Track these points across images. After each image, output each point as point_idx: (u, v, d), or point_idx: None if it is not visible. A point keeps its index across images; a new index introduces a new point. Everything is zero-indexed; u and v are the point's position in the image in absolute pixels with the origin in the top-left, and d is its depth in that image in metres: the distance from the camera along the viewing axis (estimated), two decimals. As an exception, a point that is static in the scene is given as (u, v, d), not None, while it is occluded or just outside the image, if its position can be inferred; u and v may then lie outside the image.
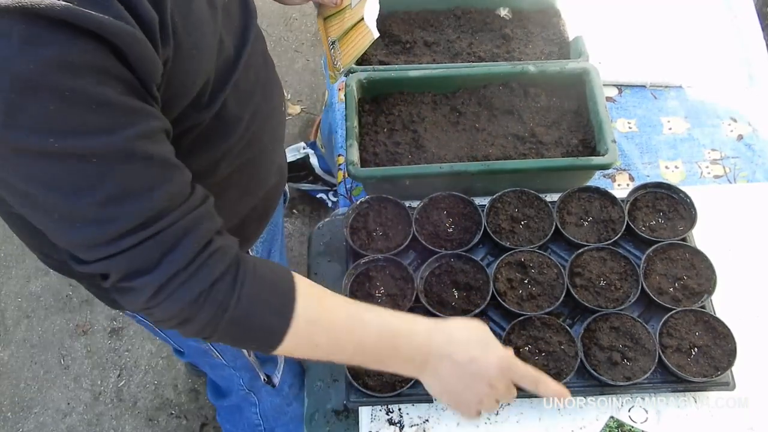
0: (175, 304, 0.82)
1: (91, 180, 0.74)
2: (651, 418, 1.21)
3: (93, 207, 0.75)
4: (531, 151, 1.44)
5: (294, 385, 1.68)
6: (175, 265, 0.80)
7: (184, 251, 0.80)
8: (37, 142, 0.69)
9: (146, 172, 0.77)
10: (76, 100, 0.69)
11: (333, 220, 1.56)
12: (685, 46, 1.73)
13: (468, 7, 1.68)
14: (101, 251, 0.79)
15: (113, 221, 0.77)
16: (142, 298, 0.82)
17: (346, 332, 0.93)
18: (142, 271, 0.80)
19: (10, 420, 2.26)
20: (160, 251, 0.80)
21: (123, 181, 0.75)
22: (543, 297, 1.28)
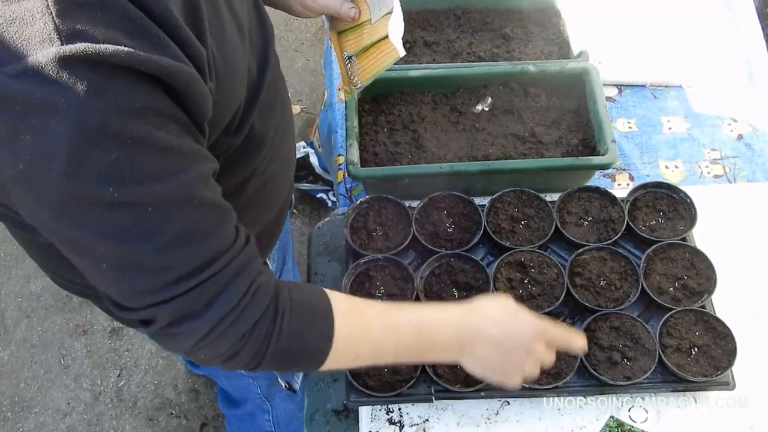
0: (222, 345, 0.82)
1: (148, 228, 0.72)
2: (651, 418, 1.21)
3: (148, 255, 0.74)
4: (531, 151, 1.44)
5: (305, 387, 1.68)
6: (224, 309, 0.80)
7: (234, 294, 0.80)
8: (98, 191, 0.68)
9: (202, 218, 0.76)
10: (139, 147, 0.68)
11: (333, 220, 1.56)
12: (685, 46, 1.73)
13: (468, 6, 1.68)
14: (151, 298, 0.77)
15: (168, 269, 0.76)
16: (191, 341, 0.81)
17: (384, 339, 0.95)
18: (191, 316, 0.79)
19: (10, 420, 2.26)
20: (211, 295, 0.79)
21: (180, 227, 0.74)
22: (543, 297, 1.28)
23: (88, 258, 0.76)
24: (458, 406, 1.23)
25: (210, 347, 0.83)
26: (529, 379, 1.07)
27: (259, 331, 0.83)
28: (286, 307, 0.85)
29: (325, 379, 1.36)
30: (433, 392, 1.20)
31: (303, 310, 0.87)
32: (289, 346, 0.86)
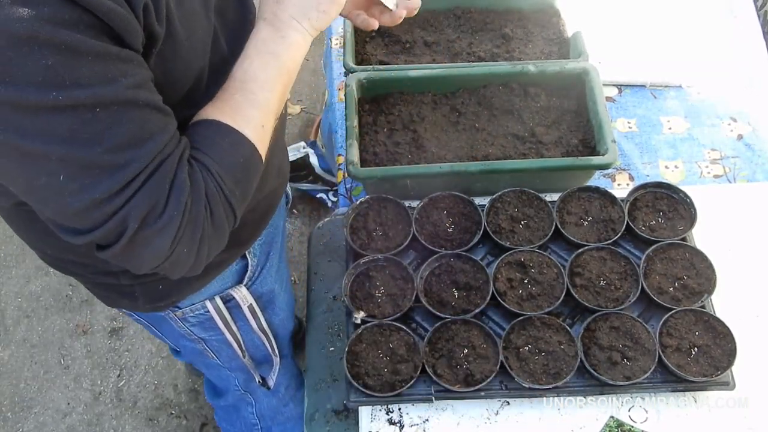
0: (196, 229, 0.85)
1: (98, 130, 0.74)
2: (651, 418, 1.21)
3: (103, 156, 0.76)
4: (531, 151, 1.44)
5: (290, 386, 1.69)
6: (182, 193, 0.82)
7: (181, 177, 0.83)
8: (40, 97, 0.70)
9: (149, 118, 0.79)
10: (74, 52, 0.70)
11: (333, 219, 1.56)
12: (685, 46, 1.73)
13: (468, 7, 1.68)
14: (115, 202, 0.79)
15: (124, 167, 0.78)
16: (169, 237, 0.83)
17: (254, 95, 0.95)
18: (159, 208, 0.81)
19: (10, 420, 2.26)
20: (168, 182, 0.81)
21: (129, 127, 0.77)
22: (543, 297, 1.28)
23: (44, 173, 0.76)
24: (458, 406, 1.23)
25: (186, 237, 0.84)
26: None
27: (211, 192, 0.86)
28: (205, 158, 0.87)
29: (325, 380, 1.36)
30: (433, 392, 1.20)
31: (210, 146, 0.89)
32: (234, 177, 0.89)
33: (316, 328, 1.42)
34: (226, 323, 1.28)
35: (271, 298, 1.39)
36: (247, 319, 1.31)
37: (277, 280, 1.39)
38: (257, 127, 0.94)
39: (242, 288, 1.27)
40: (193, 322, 1.27)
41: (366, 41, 1.64)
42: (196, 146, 0.89)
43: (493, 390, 1.21)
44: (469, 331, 1.25)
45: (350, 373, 1.20)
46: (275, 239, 1.37)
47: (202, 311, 1.24)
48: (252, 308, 1.30)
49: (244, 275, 1.27)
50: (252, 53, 0.96)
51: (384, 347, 1.24)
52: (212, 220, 0.87)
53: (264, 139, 0.96)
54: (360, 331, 1.25)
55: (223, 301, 1.25)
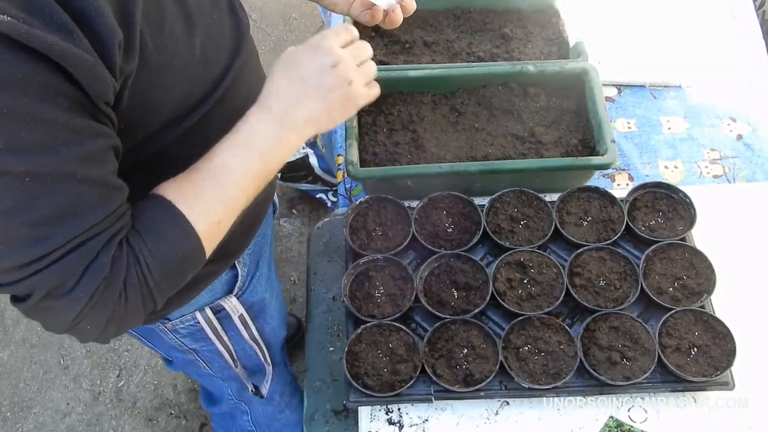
0: (104, 310, 0.81)
1: (24, 199, 0.70)
2: (650, 418, 1.21)
3: (21, 227, 0.72)
4: (530, 151, 1.44)
5: (285, 393, 1.69)
6: (95, 278, 0.78)
7: (104, 261, 0.79)
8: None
9: (83, 195, 0.75)
10: (16, 117, 0.66)
11: (332, 220, 1.56)
12: (685, 46, 1.73)
13: (467, 7, 1.68)
14: (23, 272, 0.75)
15: (43, 242, 0.74)
16: (72, 314, 0.80)
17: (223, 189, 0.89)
18: (66, 287, 0.77)
19: (10, 420, 2.26)
20: (84, 265, 0.77)
21: (57, 202, 0.73)
22: (542, 297, 1.28)
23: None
24: (458, 406, 1.23)
25: (92, 318, 0.81)
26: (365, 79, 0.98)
27: (131, 282, 0.81)
28: (139, 243, 0.83)
29: (324, 380, 1.36)
30: (433, 392, 1.20)
31: (152, 232, 0.84)
32: (164, 268, 0.84)
33: (316, 329, 1.42)
34: (216, 334, 1.27)
35: (262, 307, 1.38)
36: (238, 329, 1.31)
37: (267, 288, 1.38)
38: (213, 223, 0.88)
39: (232, 298, 1.26)
40: (184, 334, 1.26)
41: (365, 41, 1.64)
42: (136, 227, 0.83)
43: (492, 390, 1.21)
44: (468, 331, 1.25)
45: (350, 373, 1.20)
46: (264, 248, 1.36)
47: (192, 322, 1.23)
48: (243, 318, 1.29)
49: (234, 285, 1.26)
50: (240, 142, 0.89)
51: (383, 347, 1.24)
52: (125, 306, 0.83)
53: (216, 236, 0.90)
54: (359, 331, 1.25)
55: (214, 312, 1.24)
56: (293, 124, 0.92)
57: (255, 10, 3.09)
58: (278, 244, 2.55)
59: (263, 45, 3.02)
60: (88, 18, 0.69)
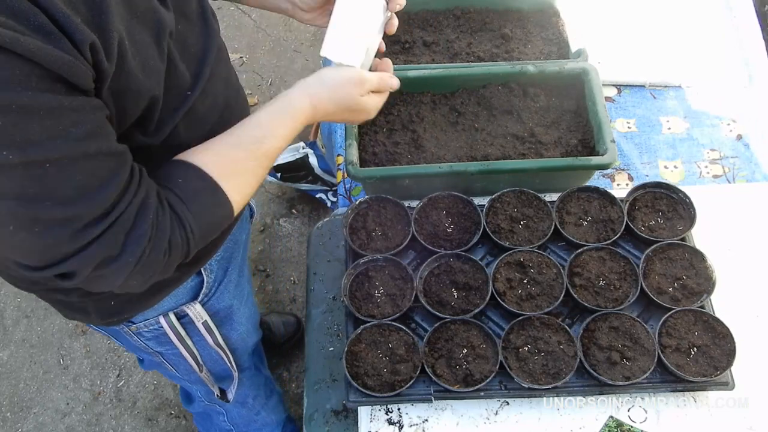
0: (150, 269, 0.89)
1: (48, 185, 0.75)
2: (650, 418, 1.21)
3: (53, 210, 0.77)
4: (530, 151, 1.44)
5: (259, 396, 1.69)
6: (140, 244, 0.85)
7: (143, 227, 0.85)
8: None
9: (99, 168, 0.80)
10: (24, 110, 0.70)
11: (332, 220, 1.56)
12: (685, 46, 1.73)
13: (467, 7, 1.68)
14: (65, 249, 0.81)
15: (74, 219, 0.79)
16: (120, 279, 0.87)
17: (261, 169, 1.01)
18: (111, 258, 0.84)
19: (9, 420, 2.26)
20: (123, 234, 0.84)
21: (79, 180, 0.78)
22: (542, 297, 1.28)
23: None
24: (457, 406, 1.23)
25: (140, 278, 0.89)
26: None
27: (175, 242, 0.90)
28: (184, 210, 0.91)
29: (324, 380, 1.36)
30: (433, 392, 1.20)
31: (196, 201, 0.93)
32: (203, 232, 0.95)
33: (316, 329, 1.42)
34: (180, 338, 1.27)
35: (228, 314, 1.37)
36: (202, 335, 1.30)
37: (236, 295, 1.37)
38: (245, 195, 1.00)
39: (196, 305, 1.26)
40: (148, 337, 1.27)
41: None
42: (178, 194, 0.92)
43: (492, 390, 1.21)
44: (468, 331, 1.25)
45: (349, 373, 1.20)
46: (234, 254, 1.35)
47: (156, 326, 1.24)
48: (207, 324, 1.29)
49: (199, 292, 1.26)
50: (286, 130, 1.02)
51: (383, 347, 1.24)
52: (167, 262, 0.91)
53: (243, 203, 1.01)
54: (359, 331, 1.25)
55: (177, 318, 1.24)
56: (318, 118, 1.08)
57: (255, 10, 3.09)
58: (278, 244, 2.55)
59: (263, 45, 3.02)
60: (60, 22, 0.73)
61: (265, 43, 3.04)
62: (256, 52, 2.99)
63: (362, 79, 1.10)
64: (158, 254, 0.88)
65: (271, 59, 3.00)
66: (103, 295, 1.10)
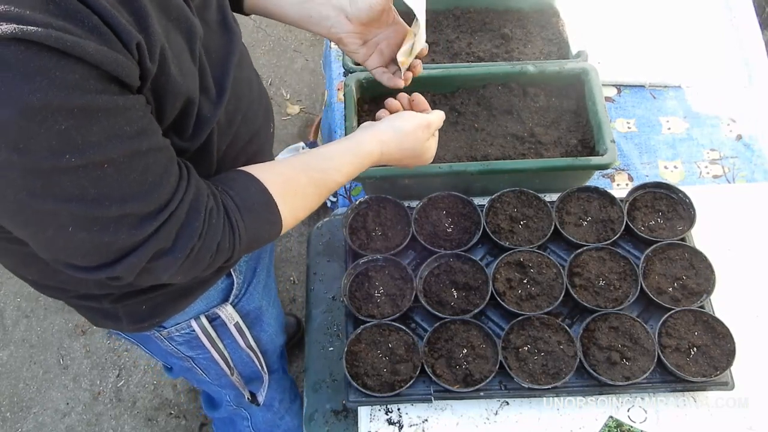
0: (196, 268, 0.91)
1: (107, 184, 0.77)
2: (650, 418, 1.21)
3: (111, 208, 0.78)
4: (530, 151, 1.44)
5: (284, 399, 1.68)
6: (191, 240, 0.87)
7: (195, 224, 0.87)
8: (53, 161, 0.72)
9: (153, 164, 0.81)
10: (85, 113, 0.71)
11: (332, 219, 1.56)
12: (685, 46, 1.73)
13: (467, 7, 1.68)
14: (122, 244, 0.82)
15: (131, 216, 0.80)
16: (168, 274, 0.88)
17: (317, 198, 1.04)
18: (162, 252, 0.85)
19: (9, 420, 2.26)
20: (175, 230, 0.85)
21: (136, 178, 0.79)
22: (542, 297, 1.28)
23: (53, 226, 0.78)
24: (457, 406, 1.23)
25: (185, 272, 0.90)
26: None
27: (223, 246, 0.91)
28: (238, 218, 0.93)
29: (324, 380, 1.36)
30: (432, 392, 1.20)
31: (251, 213, 0.95)
32: (250, 243, 0.96)
33: (316, 329, 1.42)
34: (212, 342, 1.27)
35: (258, 314, 1.37)
36: (234, 337, 1.30)
37: (264, 296, 1.38)
38: (297, 218, 1.02)
39: (228, 306, 1.26)
40: (180, 341, 1.26)
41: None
42: (236, 201, 0.93)
43: (492, 390, 1.21)
44: (468, 331, 1.25)
45: (349, 373, 1.20)
46: (262, 255, 1.35)
47: (188, 330, 1.23)
48: (238, 326, 1.29)
49: (230, 293, 1.26)
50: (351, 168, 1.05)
51: (383, 347, 1.24)
52: (210, 263, 0.92)
53: (293, 225, 1.03)
54: (359, 331, 1.25)
55: (209, 320, 1.24)
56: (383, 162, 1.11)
57: (255, 10, 3.09)
58: (278, 244, 2.55)
59: (263, 45, 3.02)
60: (111, 23, 0.74)
61: (265, 42, 3.04)
62: (255, 52, 2.99)
63: (429, 122, 1.14)
64: (206, 253, 0.90)
65: (270, 59, 3.00)
66: (135, 300, 1.10)
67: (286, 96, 2.90)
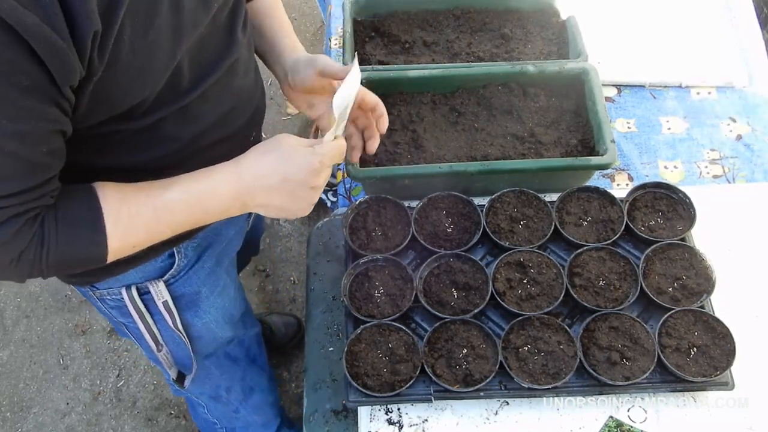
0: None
1: None
2: (650, 418, 1.21)
3: None
4: (530, 151, 1.44)
5: (233, 389, 1.65)
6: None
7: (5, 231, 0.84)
8: None
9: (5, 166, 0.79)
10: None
11: (332, 219, 1.56)
12: (684, 46, 1.73)
13: (467, 7, 1.68)
14: None
15: None
16: None
17: (157, 223, 0.97)
18: None
19: (9, 420, 2.26)
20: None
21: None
22: (542, 297, 1.28)
23: None
24: (457, 406, 1.23)
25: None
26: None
27: (26, 258, 0.88)
28: (51, 230, 0.88)
29: (324, 380, 1.36)
30: (432, 392, 1.20)
31: (70, 227, 0.90)
32: (62, 260, 0.91)
33: (316, 329, 1.42)
34: (140, 313, 1.27)
35: (195, 299, 1.35)
36: (162, 315, 1.30)
37: (206, 283, 1.35)
38: (128, 244, 0.95)
39: (159, 283, 1.25)
40: (111, 305, 1.27)
41: (365, 41, 1.64)
42: (58, 212, 0.89)
43: (492, 390, 1.21)
44: (468, 331, 1.25)
45: (349, 373, 1.20)
46: (214, 244, 1.33)
47: (118, 297, 1.24)
48: (167, 305, 1.28)
49: (167, 272, 1.26)
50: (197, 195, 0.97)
51: (383, 347, 1.24)
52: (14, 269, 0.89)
53: (124, 254, 0.97)
54: (359, 331, 1.25)
55: (139, 293, 1.24)
56: (247, 203, 1.01)
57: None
58: (278, 244, 2.55)
59: (263, 45, 3.02)
60: (72, 5, 0.71)
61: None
62: (256, 52, 2.98)
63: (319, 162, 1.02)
64: (5, 257, 0.87)
65: (271, 59, 2.99)
66: None
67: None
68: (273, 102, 2.88)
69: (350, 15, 1.62)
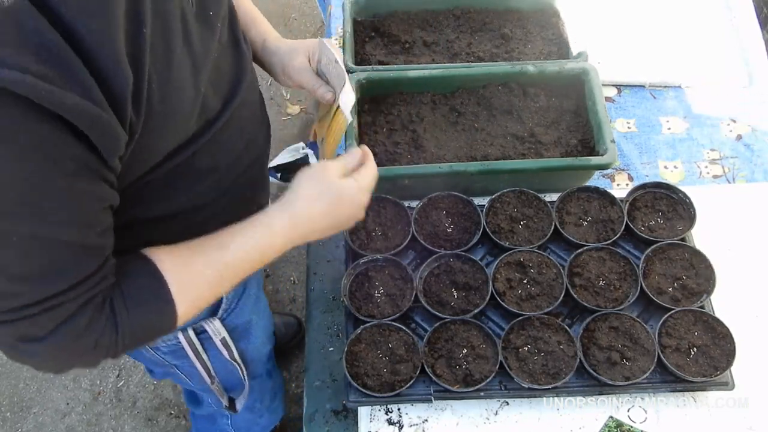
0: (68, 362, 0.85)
1: (8, 258, 0.72)
2: (650, 418, 1.21)
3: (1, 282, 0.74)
4: (530, 151, 1.44)
5: (263, 399, 1.68)
6: (67, 336, 0.80)
7: (79, 322, 0.80)
8: None
9: (63, 256, 0.76)
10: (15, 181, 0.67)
11: (332, 220, 1.55)
12: (684, 46, 1.73)
13: (467, 7, 1.68)
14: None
15: (17, 296, 0.75)
16: (34, 360, 0.83)
17: (220, 284, 0.96)
18: (32, 339, 0.79)
19: (9, 420, 2.26)
20: (56, 323, 0.79)
21: (39, 262, 0.74)
22: (542, 297, 1.28)
23: None
24: (457, 406, 1.23)
25: (55, 364, 0.84)
26: None
27: (102, 343, 0.84)
28: (122, 312, 0.85)
29: (324, 380, 1.36)
30: (432, 392, 1.20)
31: (139, 305, 0.87)
32: (137, 337, 0.88)
33: (316, 329, 1.42)
34: (197, 353, 1.26)
35: (247, 328, 1.36)
36: (219, 350, 1.29)
37: (254, 310, 1.36)
38: (196, 307, 0.93)
39: (215, 321, 1.24)
40: (165, 351, 1.25)
41: (365, 41, 1.64)
42: (122, 290, 0.85)
43: (492, 390, 1.21)
44: (468, 331, 1.25)
45: (349, 374, 1.20)
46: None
47: (174, 342, 1.23)
48: (224, 341, 1.28)
49: (219, 308, 1.25)
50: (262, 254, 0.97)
51: (383, 347, 1.24)
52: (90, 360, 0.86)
53: (193, 315, 0.94)
54: (359, 332, 1.25)
55: (196, 333, 1.23)
56: (300, 243, 1.03)
57: (255, 10, 3.09)
58: (278, 244, 2.55)
59: (263, 45, 3.02)
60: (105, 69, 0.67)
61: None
62: (256, 52, 2.98)
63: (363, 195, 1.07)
64: (83, 348, 0.83)
65: (271, 59, 2.99)
66: None
67: (286, 96, 2.90)
68: (273, 102, 2.88)
69: (350, 15, 1.62)
